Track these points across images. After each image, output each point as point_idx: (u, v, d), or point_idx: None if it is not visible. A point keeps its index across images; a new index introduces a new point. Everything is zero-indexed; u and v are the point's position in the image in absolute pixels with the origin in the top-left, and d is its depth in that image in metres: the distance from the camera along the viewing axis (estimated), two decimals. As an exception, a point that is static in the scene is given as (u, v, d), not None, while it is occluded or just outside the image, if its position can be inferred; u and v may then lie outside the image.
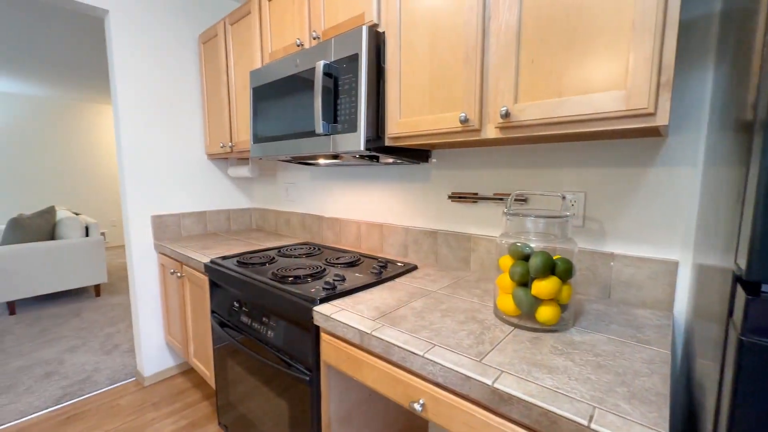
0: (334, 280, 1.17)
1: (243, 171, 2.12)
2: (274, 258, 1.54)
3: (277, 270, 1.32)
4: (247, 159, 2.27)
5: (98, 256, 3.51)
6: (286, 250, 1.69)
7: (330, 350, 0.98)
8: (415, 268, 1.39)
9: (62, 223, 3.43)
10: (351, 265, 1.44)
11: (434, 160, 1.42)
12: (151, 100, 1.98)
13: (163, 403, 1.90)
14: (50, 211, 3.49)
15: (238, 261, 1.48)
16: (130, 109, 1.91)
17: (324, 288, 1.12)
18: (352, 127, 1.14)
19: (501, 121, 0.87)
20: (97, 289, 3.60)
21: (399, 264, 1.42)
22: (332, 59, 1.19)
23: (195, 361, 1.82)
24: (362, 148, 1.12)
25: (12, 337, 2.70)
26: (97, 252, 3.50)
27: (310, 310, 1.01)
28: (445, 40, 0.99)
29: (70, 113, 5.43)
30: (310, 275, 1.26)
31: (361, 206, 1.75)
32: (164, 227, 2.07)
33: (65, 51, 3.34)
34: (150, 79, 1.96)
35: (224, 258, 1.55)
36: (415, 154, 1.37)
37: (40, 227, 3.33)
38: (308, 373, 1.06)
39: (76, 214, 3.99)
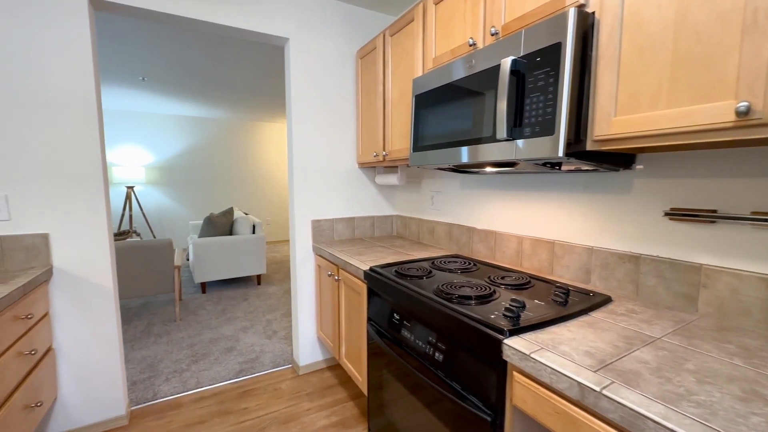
0: (513, 306, 1.01)
1: (391, 179, 2.15)
2: (431, 271, 1.46)
3: (442, 286, 1.23)
4: (395, 167, 2.30)
5: (261, 251, 4.14)
6: (440, 262, 1.61)
7: (525, 395, 0.83)
8: (609, 300, 1.12)
9: (237, 221, 4.16)
10: (521, 287, 1.25)
11: (640, 167, 1.13)
12: (316, 114, 2.18)
13: (315, 395, 2.05)
14: (230, 212, 4.28)
15: (396, 271, 1.46)
16: (300, 123, 2.13)
17: (506, 315, 0.97)
18: (546, 130, 0.97)
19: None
20: (258, 279, 4.25)
21: (587, 293, 1.17)
22: (521, 54, 1.04)
23: (345, 361, 1.89)
24: (561, 153, 0.94)
25: (204, 311, 3.36)
26: (260, 247, 4.13)
27: (499, 343, 0.88)
28: (706, 4, 0.73)
29: (243, 131, 6.65)
30: (481, 297, 1.13)
31: (525, 219, 1.55)
32: (321, 231, 2.25)
33: (243, 80, 4.05)
34: (316, 96, 2.16)
35: (383, 267, 1.55)
36: (615, 158, 1.11)
37: (223, 224, 4.11)
38: (489, 413, 0.93)
39: (246, 214, 4.81)
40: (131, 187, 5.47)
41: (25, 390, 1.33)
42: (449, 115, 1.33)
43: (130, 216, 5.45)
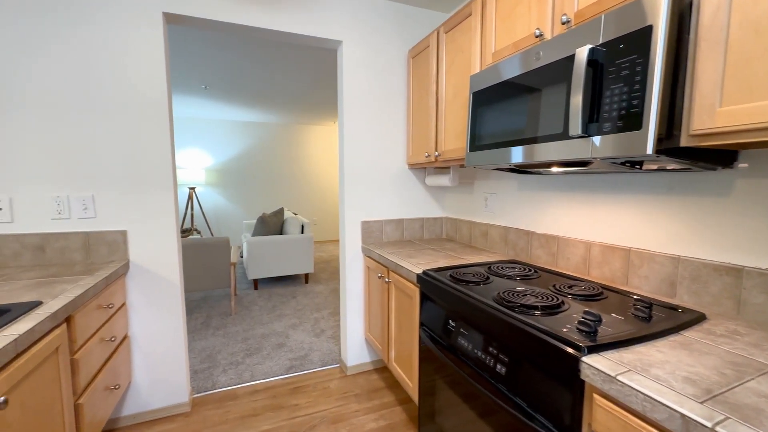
0: (587, 319, 0.92)
1: (442, 180, 2.09)
2: (488, 277, 1.39)
3: (503, 294, 1.16)
4: (447, 168, 2.24)
5: (309, 250, 4.25)
6: (497, 268, 1.52)
7: (609, 422, 0.74)
8: (702, 317, 0.98)
9: (287, 221, 4.31)
10: (592, 298, 1.14)
11: (744, 165, 0.98)
12: (367, 116, 2.18)
13: (363, 397, 2.04)
14: (281, 212, 4.45)
15: (451, 276, 1.40)
16: (352, 125, 2.14)
17: (580, 329, 0.88)
18: (631, 125, 0.87)
19: None
20: (306, 277, 4.38)
21: (675, 309, 1.04)
22: (599, 42, 0.95)
23: (395, 365, 1.86)
24: (650, 150, 0.83)
25: (257, 307, 3.52)
26: (308, 246, 4.24)
27: (576, 361, 0.80)
28: None
29: (293, 134, 6.91)
30: (548, 307, 1.04)
31: (594, 223, 1.42)
32: (370, 232, 2.25)
33: (295, 85, 4.19)
34: (367, 98, 2.16)
35: (436, 270, 1.50)
36: (713, 156, 0.97)
37: (275, 224, 4.28)
38: (562, 435, 0.85)
39: (295, 214, 4.98)
40: (193, 188, 5.90)
41: (106, 373, 1.45)
42: (511, 112, 1.25)
43: (192, 215, 5.88)
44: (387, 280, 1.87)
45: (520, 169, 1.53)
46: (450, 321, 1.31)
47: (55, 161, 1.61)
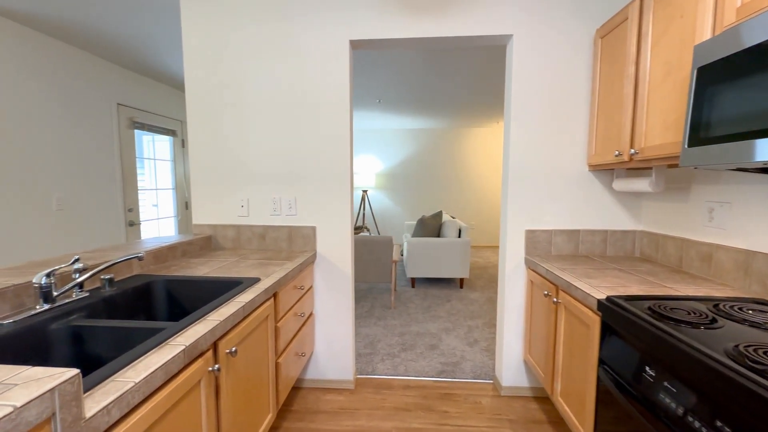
0: None
1: (638, 184, 1.66)
2: (714, 319, 1.01)
3: (745, 348, 0.80)
4: (645, 169, 1.78)
5: (465, 255, 4.18)
6: (729, 307, 1.09)
7: None
8: None
9: (445, 224, 4.37)
10: None
11: None
12: (537, 112, 1.95)
13: (519, 426, 1.84)
14: (439, 215, 4.54)
15: (651, 309, 1.09)
16: (519, 123, 1.97)
17: None
18: None
19: None
20: (461, 282, 4.32)
21: None
22: None
23: (560, 400, 1.60)
24: None
25: (413, 305, 3.69)
26: (465, 250, 4.18)
27: None
28: None
29: (452, 138, 6.98)
30: None
31: None
32: (535, 243, 2.01)
33: (459, 88, 4.19)
34: (538, 92, 1.94)
35: (627, 299, 1.19)
36: None
37: (433, 226, 4.40)
38: None
39: (453, 217, 5.00)
40: (365, 191, 6.73)
41: (296, 341, 1.79)
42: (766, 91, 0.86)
43: (363, 215, 6.71)
44: (556, 300, 1.62)
45: (782, 169, 1.05)
46: (647, 367, 1.01)
47: (274, 168, 2.09)
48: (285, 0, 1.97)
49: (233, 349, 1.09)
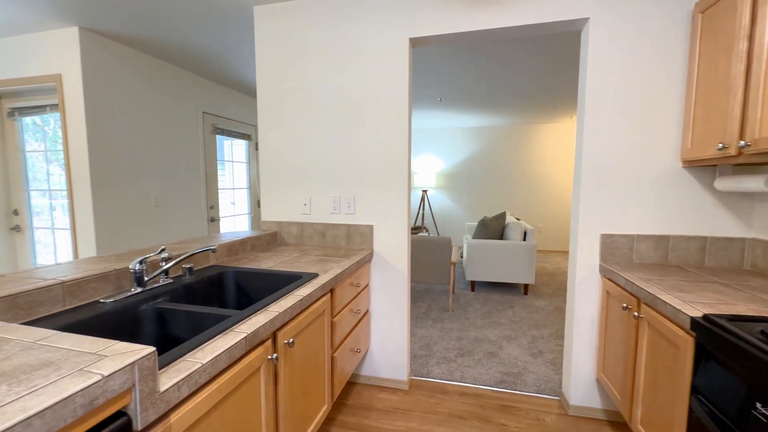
0: None
1: (752, 182, 1.39)
2: None
3: None
4: (761, 165, 1.49)
5: (530, 259, 3.91)
6: None
7: None
8: None
9: (509, 226, 4.13)
10: None
11: None
12: (617, 102, 1.74)
13: (589, 450, 1.66)
14: (502, 216, 4.32)
15: (764, 332, 0.90)
16: (594, 116, 1.77)
17: None
18: None
19: None
20: (525, 288, 4.06)
21: None
22: None
23: (640, 429, 1.40)
24: None
25: (472, 309, 3.56)
26: (530, 255, 3.91)
27: None
28: None
29: (519, 135, 6.58)
30: None
31: None
32: (613, 249, 1.79)
33: (527, 81, 3.93)
34: (618, 79, 1.73)
35: (732, 319, 1.00)
36: None
37: (495, 228, 4.20)
38: None
39: (517, 219, 4.71)
40: (425, 191, 6.66)
41: (352, 337, 1.82)
42: None
43: (422, 215, 6.65)
44: (637, 314, 1.42)
45: None
46: (758, 404, 0.84)
47: (334, 168, 2.16)
48: (348, 5, 2.02)
49: (291, 340, 1.14)
